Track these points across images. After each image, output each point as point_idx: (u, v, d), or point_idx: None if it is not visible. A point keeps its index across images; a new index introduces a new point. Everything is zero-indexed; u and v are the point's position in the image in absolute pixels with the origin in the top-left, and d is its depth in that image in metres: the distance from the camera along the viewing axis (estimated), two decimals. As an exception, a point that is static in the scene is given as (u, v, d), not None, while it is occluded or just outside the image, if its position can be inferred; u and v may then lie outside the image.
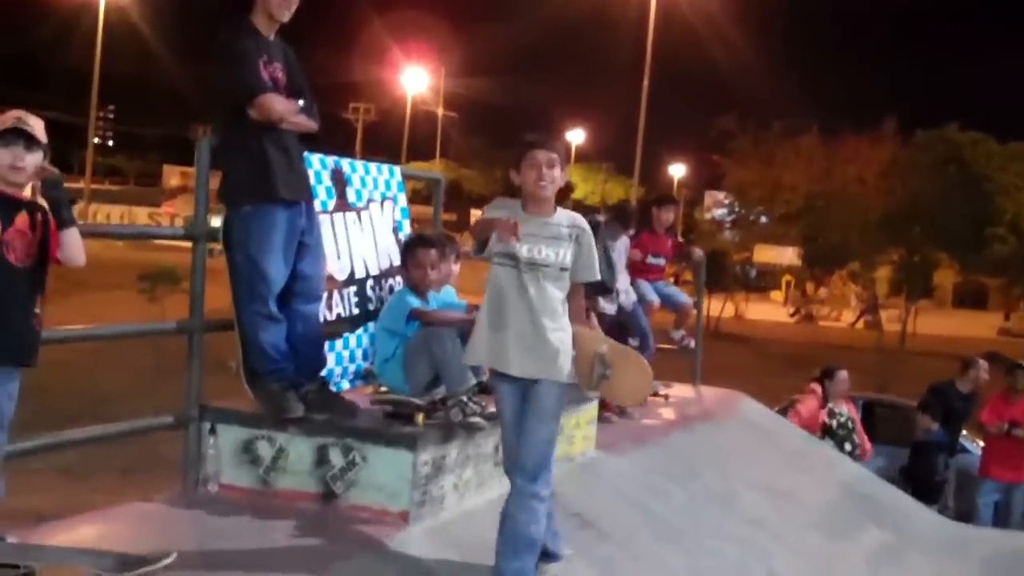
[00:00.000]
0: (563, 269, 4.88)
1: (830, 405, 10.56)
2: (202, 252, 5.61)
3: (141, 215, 77.79)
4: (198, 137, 5.91)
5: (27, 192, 4.45)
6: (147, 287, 25.38)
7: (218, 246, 5.56)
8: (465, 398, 5.58)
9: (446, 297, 6.34)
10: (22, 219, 4.32)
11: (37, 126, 4.37)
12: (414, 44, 77.18)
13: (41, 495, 11.35)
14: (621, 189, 69.49)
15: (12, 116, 4.36)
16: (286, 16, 5.53)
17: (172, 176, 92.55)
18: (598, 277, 5.04)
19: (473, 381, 5.71)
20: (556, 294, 4.88)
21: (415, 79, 73.72)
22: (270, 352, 5.48)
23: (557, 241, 4.88)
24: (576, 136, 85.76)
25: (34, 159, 4.35)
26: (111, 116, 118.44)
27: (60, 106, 73.99)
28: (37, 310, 4.40)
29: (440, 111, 76.17)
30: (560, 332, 4.87)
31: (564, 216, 4.97)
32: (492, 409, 5.51)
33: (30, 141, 4.33)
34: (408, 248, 6.26)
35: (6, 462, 4.49)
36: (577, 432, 6.87)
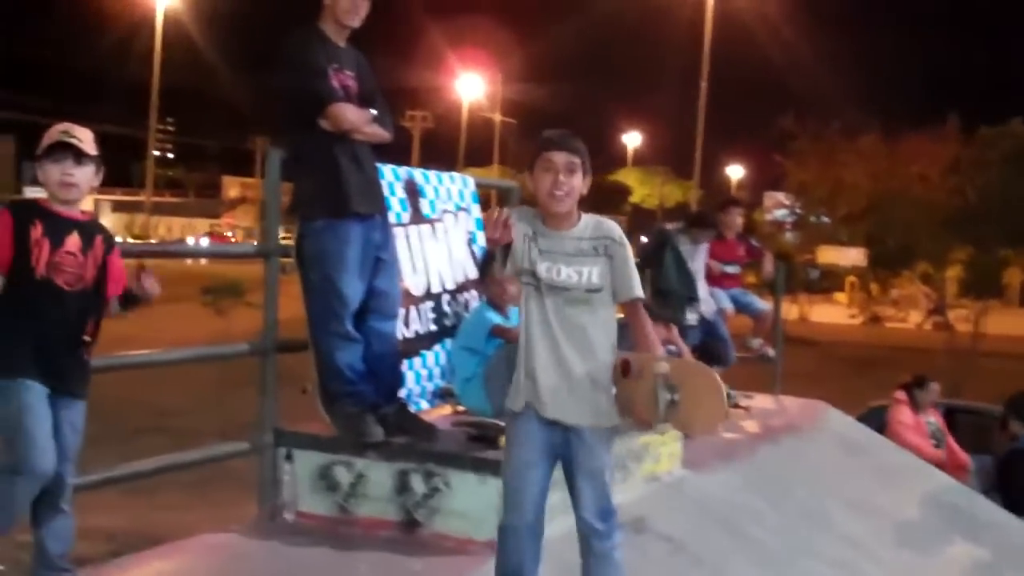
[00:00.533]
0: (591, 291, 4.16)
1: (920, 415, 10.19)
2: (274, 270, 5.40)
3: (202, 226, 78.47)
4: (257, 148, 5.67)
5: (82, 209, 4.22)
6: (211, 300, 25.36)
7: (290, 261, 5.34)
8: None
9: (523, 310, 6.08)
10: (73, 240, 4.09)
11: (85, 138, 4.12)
12: (470, 51, 77.19)
13: (108, 514, 11.21)
14: (679, 192, 69.01)
15: (58, 129, 4.12)
16: (356, 22, 5.30)
17: (232, 187, 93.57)
18: (640, 294, 4.26)
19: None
20: (585, 320, 4.17)
21: (471, 86, 73.68)
22: (347, 373, 5.23)
23: (579, 258, 4.16)
24: (633, 139, 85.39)
25: (85, 173, 4.11)
26: (171, 129, 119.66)
27: (121, 120, 74.88)
28: (87, 338, 4.16)
29: (497, 117, 76.06)
30: (593, 365, 4.18)
31: (588, 226, 4.23)
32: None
33: (79, 155, 4.09)
34: (486, 262, 6.00)
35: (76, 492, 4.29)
36: (663, 450, 6.57)
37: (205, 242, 59.08)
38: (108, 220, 72.92)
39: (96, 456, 4.80)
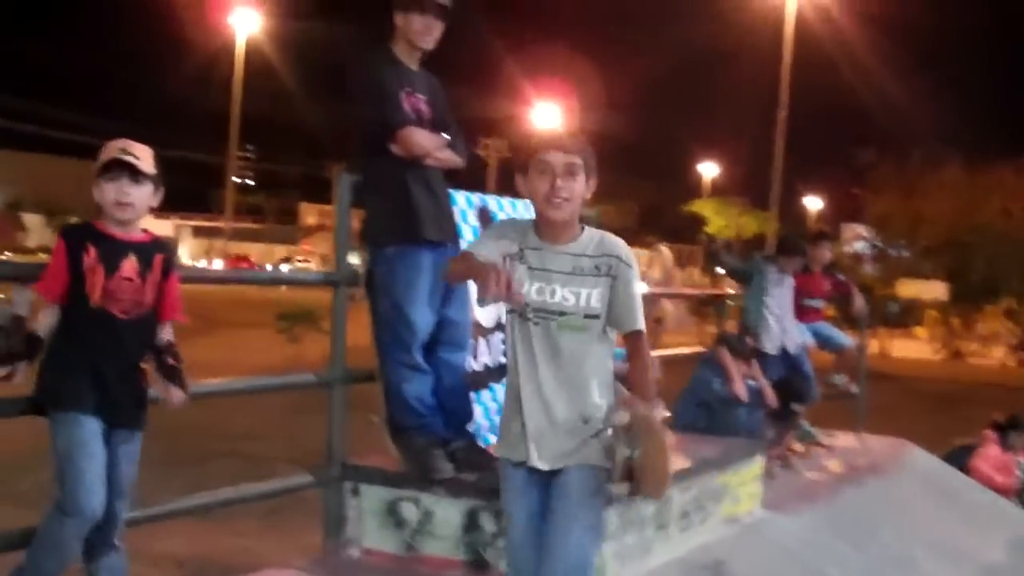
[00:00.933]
0: (589, 316, 3.66)
1: (1010, 454, 9.83)
2: (342, 298, 5.26)
3: (280, 252, 79.20)
4: (334, 175, 5.50)
5: (144, 228, 4.05)
6: (286, 327, 25.37)
7: (360, 290, 5.20)
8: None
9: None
10: (130, 265, 3.90)
11: (144, 155, 3.92)
12: (546, 80, 77.15)
13: (179, 539, 11.16)
14: (756, 223, 68.31)
15: (115, 146, 3.93)
16: (429, 44, 5.15)
17: (309, 214, 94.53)
18: (640, 326, 3.71)
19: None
20: (580, 351, 3.67)
21: (546, 114, 73.69)
22: (415, 405, 5.06)
23: (580, 279, 3.66)
24: (710, 170, 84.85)
25: (142, 193, 3.90)
26: (250, 156, 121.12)
27: (202, 146, 76.03)
28: (145, 366, 4.00)
29: (572, 146, 75.88)
30: (585, 407, 3.69)
31: (592, 242, 3.74)
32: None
33: (136, 173, 3.89)
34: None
35: (136, 524, 4.17)
36: (742, 490, 6.33)
37: (219, 265, 59.40)
38: (188, 245, 73.96)
39: (167, 479, 4.70)
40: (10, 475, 10.86)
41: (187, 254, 72.44)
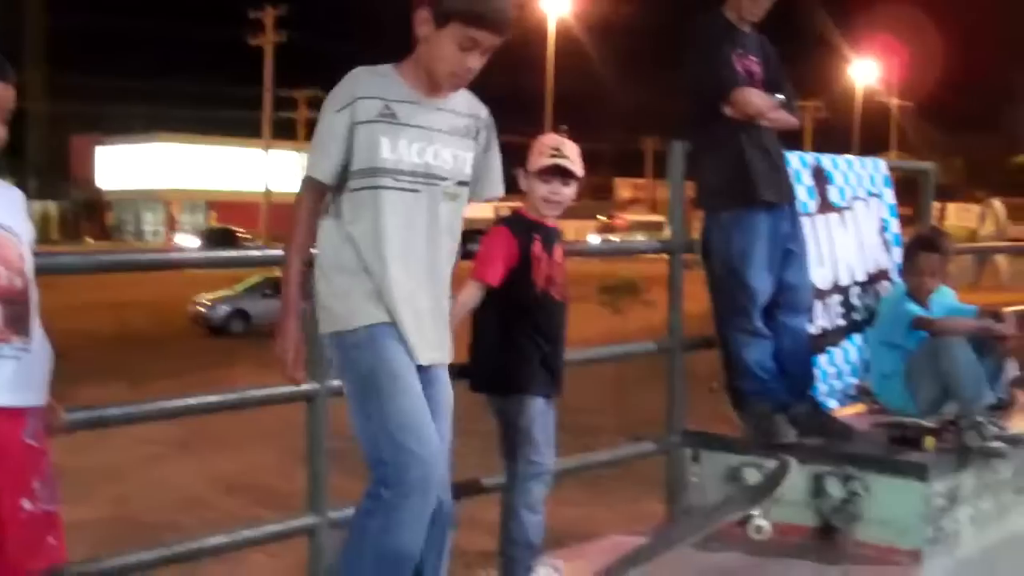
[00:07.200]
0: (462, 183, 3.41)
1: None
2: (678, 266, 5.27)
3: (593, 226, 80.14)
4: (648, 149, 5.52)
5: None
6: (609, 299, 25.59)
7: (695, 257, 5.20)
8: (981, 418, 4.86)
9: (945, 300, 5.63)
10: (559, 250, 4.22)
11: (574, 156, 4.24)
12: (863, 33, 74.37)
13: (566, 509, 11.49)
14: None
15: (549, 147, 4.22)
16: (756, 15, 5.08)
17: (624, 188, 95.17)
18: (501, 191, 3.62)
19: (991, 398, 5.01)
20: (454, 225, 3.41)
21: (865, 70, 71.20)
22: (756, 371, 5.02)
23: (459, 140, 3.41)
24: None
25: (569, 192, 4.24)
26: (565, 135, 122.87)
27: (513, 128, 77.79)
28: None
29: (894, 102, 73.09)
30: (446, 291, 3.47)
31: (463, 99, 3.45)
32: (1014, 431, 4.82)
33: (568, 176, 4.20)
34: (909, 251, 5.64)
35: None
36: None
37: None
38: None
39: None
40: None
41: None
